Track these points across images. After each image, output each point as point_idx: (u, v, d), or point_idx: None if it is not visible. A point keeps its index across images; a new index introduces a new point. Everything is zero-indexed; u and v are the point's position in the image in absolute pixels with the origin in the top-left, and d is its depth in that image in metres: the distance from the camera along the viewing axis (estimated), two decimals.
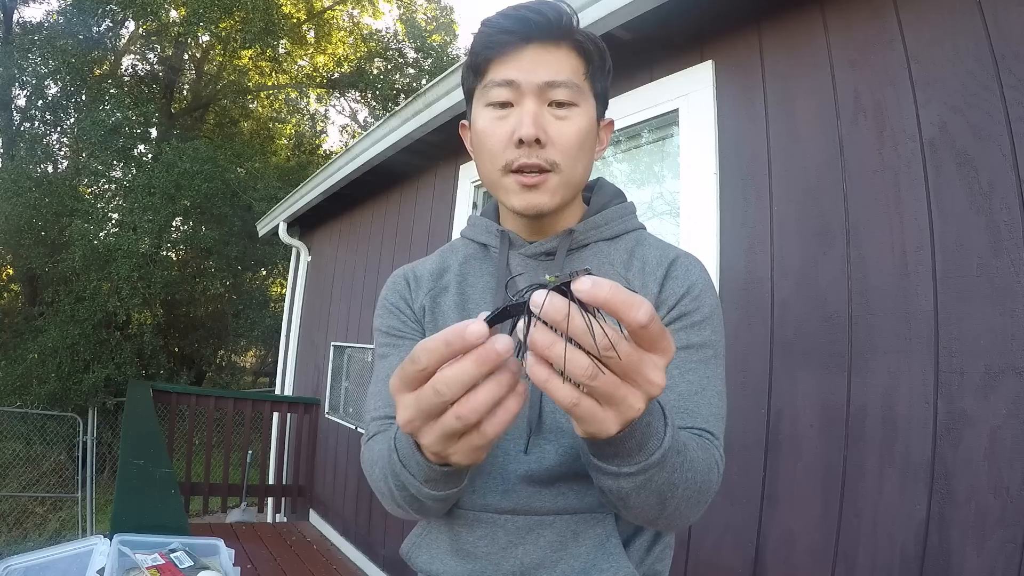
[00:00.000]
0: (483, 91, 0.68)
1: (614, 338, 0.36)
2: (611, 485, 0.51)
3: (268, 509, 4.68)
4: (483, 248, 0.78)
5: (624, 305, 0.35)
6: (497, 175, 0.68)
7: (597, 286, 0.34)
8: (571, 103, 0.66)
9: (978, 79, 1.29)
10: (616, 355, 0.36)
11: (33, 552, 1.08)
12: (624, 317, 0.35)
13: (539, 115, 0.65)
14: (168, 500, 1.55)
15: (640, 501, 0.52)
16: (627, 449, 0.47)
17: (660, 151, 2.13)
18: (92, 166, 8.91)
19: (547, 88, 0.65)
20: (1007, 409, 1.17)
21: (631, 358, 0.37)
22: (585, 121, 0.67)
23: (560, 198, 0.68)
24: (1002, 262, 1.21)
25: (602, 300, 0.34)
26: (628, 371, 0.38)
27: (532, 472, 0.65)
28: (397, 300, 0.78)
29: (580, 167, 0.68)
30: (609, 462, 0.49)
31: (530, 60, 0.65)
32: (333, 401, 4.33)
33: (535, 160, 0.65)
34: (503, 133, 0.66)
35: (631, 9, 1.81)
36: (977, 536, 1.18)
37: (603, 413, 0.39)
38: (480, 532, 0.66)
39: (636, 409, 0.40)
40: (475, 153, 0.73)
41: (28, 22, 9.90)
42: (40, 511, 6.93)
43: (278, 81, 12.25)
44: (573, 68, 0.67)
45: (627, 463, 0.48)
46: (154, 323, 9.28)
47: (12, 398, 7.71)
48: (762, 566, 1.52)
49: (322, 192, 4.19)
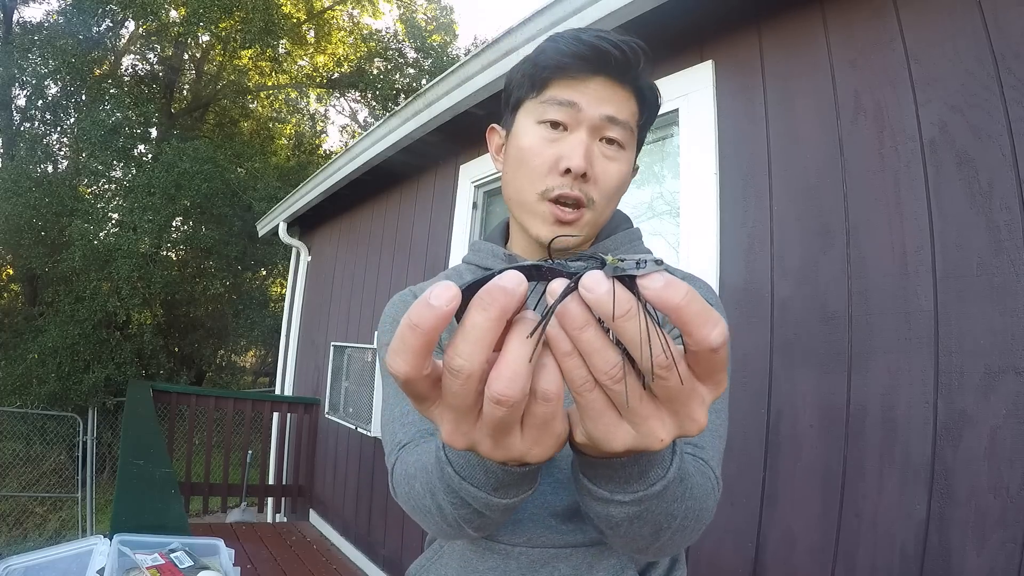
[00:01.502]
0: (538, 105, 0.65)
1: (677, 354, 0.30)
2: (599, 511, 0.44)
3: (268, 509, 4.68)
4: None
5: (699, 319, 0.28)
6: (532, 198, 0.65)
7: (671, 287, 0.28)
8: (621, 144, 0.65)
9: (978, 79, 1.29)
10: (672, 375, 0.30)
11: (33, 552, 1.08)
12: (695, 333, 0.29)
13: (591, 148, 0.63)
14: (168, 500, 1.55)
15: (631, 531, 0.46)
16: (625, 476, 0.40)
17: (660, 151, 2.13)
18: (92, 166, 8.91)
19: (607, 124, 0.63)
20: (1007, 409, 1.17)
21: (686, 385, 0.31)
22: (627, 166, 0.67)
23: (585, 236, 0.66)
24: (1002, 262, 1.21)
25: (673, 306, 0.28)
26: (673, 398, 0.31)
27: (550, 506, 0.63)
28: None
29: (611, 210, 0.68)
30: (600, 485, 0.42)
31: (595, 91, 0.63)
32: (333, 401, 4.33)
33: (576, 192, 0.63)
34: (550, 156, 0.64)
35: (631, 9, 1.81)
36: (977, 536, 1.18)
37: (616, 422, 0.32)
38: (492, 562, 0.64)
39: (659, 441, 0.32)
40: (510, 167, 0.69)
41: (28, 22, 9.89)
42: (40, 511, 6.93)
43: (278, 81, 12.25)
44: (631, 112, 0.66)
45: (622, 490, 0.41)
46: (154, 323, 9.28)
47: (12, 398, 7.71)
48: (762, 566, 1.52)
49: (322, 192, 4.19)
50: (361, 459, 3.72)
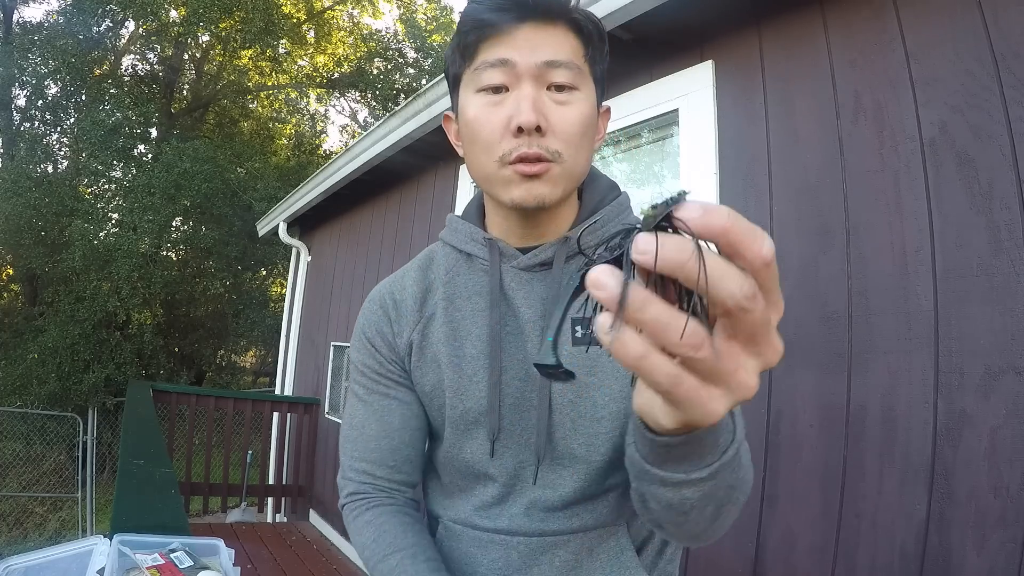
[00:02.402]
0: (473, 75, 0.61)
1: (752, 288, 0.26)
2: (672, 497, 0.43)
3: (268, 509, 4.68)
4: (468, 258, 0.70)
5: (749, 236, 0.26)
6: (493, 167, 0.60)
7: (712, 211, 0.25)
8: (572, 86, 0.60)
9: (978, 79, 1.29)
10: (757, 303, 0.27)
11: (33, 552, 1.08)
12: (747, 252, 0.26)
13: (538, 99, 0.58)
14: (168, 500, 1.55)
15: (699, 513, 0.45)
16: (702, 448, 0.39)
17: (660, 151, 2.13)
18: (92, 166, 8.91)
19: (547, 69, 0.59)
20: (1007, 409, 1.17)
21: (766, 311, 0.27)
22: (587, 106, 0.61)
23: (562, 190, 0.61)
24: (1002, 262, 1.21)
25: (719, 230, 0.25)
26: (756, 330, 0.28)
27: (546, 500, 0.64)
28: (373, 335, 0.72)
29: (582, 157, 0.62)
30: (675, 468, 0.41)
31: (526, 39, 0.58)
32: (333, 401, 4.33)
33: (535, 149, 0.58)
34: (498, 121, 0.59)
35: (631, 9, 1.81)
36: (977, 536, 1.18)
37: (708, 392, 0.29)
38: (494, 554, 0.65)
39: (750, 387, 0.29)
40: (466, 145, 0.65)
41: (28, 22, 9.91)
42: (40, 511, 6.93)
43: (278, 81, 12.25)
44: (573, 48, 0.60)
45: (698, 466, 0.40)
46: (154, 323, 9.29)
47: (12, 398, 7.71)
48: (762, 566, 1.52)
49: (322, 192, 4.19)
50: None
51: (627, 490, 0.65)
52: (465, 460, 0.67)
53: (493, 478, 0.66)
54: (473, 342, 0.66)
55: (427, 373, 0.69)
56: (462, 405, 0.66)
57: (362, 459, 0.70)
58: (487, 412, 0.64)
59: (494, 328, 0.64)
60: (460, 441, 0.67)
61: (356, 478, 0.71)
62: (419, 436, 0.72)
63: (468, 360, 0.66)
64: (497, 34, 0.59)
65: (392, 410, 0.70)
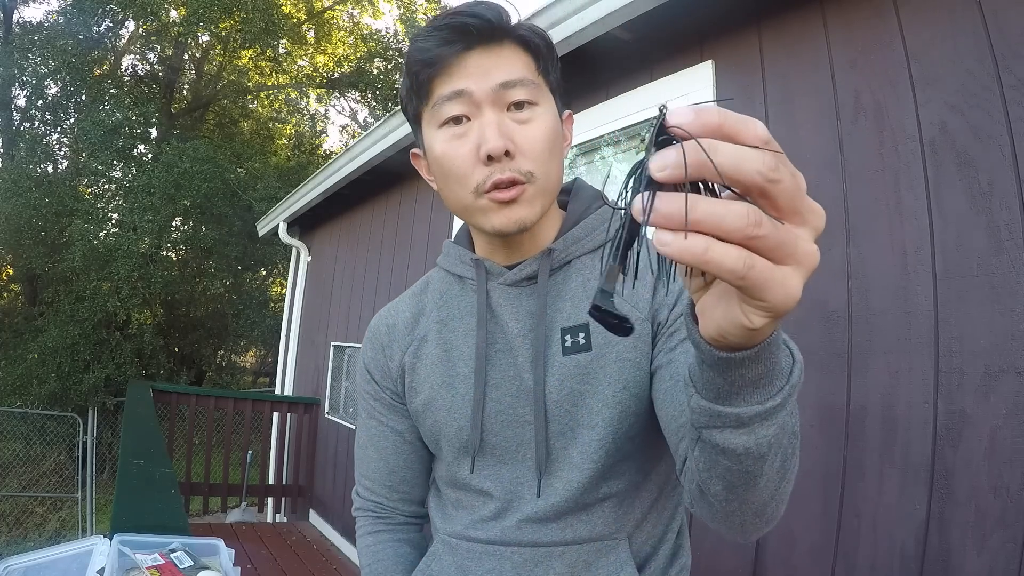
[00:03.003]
0: (432, 111, 0.62)
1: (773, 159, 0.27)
2: (747, 442, 0.40)
3: (268, 509, 4.68)
4: (459, 280, 0.71)
5: (742, 123, 0.28)
6: (470, 199, 0.61)
7: (702, 112, 0.27)
8: (531, 102, 0.61)
9: (978, 79, 1.29)
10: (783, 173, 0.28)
11: (33, 552, 1.08)
12: (745, 137, 0.27)
13: (502, 123, 0.59)
14: (168, 500, 1.55)
15: (770, 469, 0.43)
16: (774, 363, 0.38)
17: None
18: (92, 166, 8.91)
19: (503, 91, 0.59)
20: (1007, 409, 1.17)
21: (794, 178, 0.28)
22: (550, 119, 0.62)
23: (540, 207, 0.62)
24: (1002, 262, 1.21)
25: (715, 124, 0.27)
26: (792, 196, 0.28)
27: (537, 512, 0.64)
28: (370, 363, 0.76)
29: (554, 171, 0.63)
30: (749, 398, 0.39)
31: (476, 66, 0.59)
32: (333, 401, 4.33)
33: (508, 174, 0.58)
34: (466, 152, 0.60)
35: (631, 9, 1.81)
36: (977, 536, 1.18)
37: (781, 272, 0.29)
38: (488, 564, 0.65)
39: (813, 253, 0.30)
40: (439, 181, 0.65)
41: (28, 22, 9.91)
42: (40, 511, 6.93)
43: (278, 81, 12.25)
44: (524, 64, 0.61)
45: (770, 392, 0.39)
46: (154, 323, 9.29)
47: (12, 398, 7.71)
48: (762, 566, 1.52)
49: (322, 192, 4.19)
50: None
51: (624, 500, 0.65)
52: (463, 478, 0.68)
53: (490, 494, 0.66)
54: (465, 361, 0.67)
55: (420, 393, 0.71)
56: (455, 424, 0.67)
57: (365, 477, 0.79)
58: (470, 428, 0.66)
59: (480, 346, 0.66)
60: (458, 459, 0.68)
61: (363, 494, 0.80)
62: (415, 459, 0.77)
63: (460, 380, 0.67)
64: (447, 67, 0.60)
65: (386, 437, 0.76)
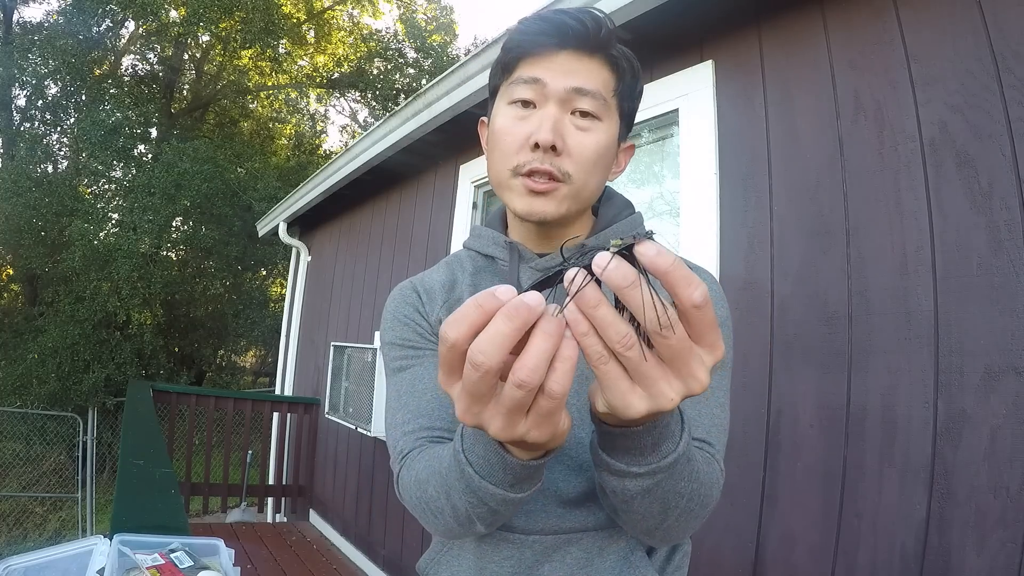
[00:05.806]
0: (508, 88, 0.66)
1: (673, 316, 0.35)
2: (616, 485, 0.49)
3: (268, 509, 4.68)
4: (490, 261, 0.75)
5: (683, 281, 0.34)
6: (506, 175, 0.65)
7: (662, 254, 0.33)
8: (595, 116, 0.64)
9: (978, 79, 1.29)
10: (672, 333, 0.34)
11: (33, 552, 1.08)
12: (681, 293, 0.34)
13: (560, 121, 0.63)
14: (168, 500, 1.55)
15: (643, 507, 0.50)
16: (641, 446, 0.45)
17: (660, 151, 2.13)
18: (92, 166, 8.92)
19: (574, 95, 0.63)
20: (1007, 409, 1.17)
21: (683, 343, 0.35)
22: (606, 137, 0.65)
23: (566, 209, 0.65)
24: (1002, 262, 1.21)
25: (664, 269, 0.33)
26: (675, 357, 0.36)
27: (563, 492, 0.64)
28: (411, 312, 0.74)
29: (593, 182, 0.66)
30: (619, 458, 0.47)
31: (561, 64, 0.63)
32: (333, 401, 4.32)
33: (547, 167, 0.62)
34: (520, 134, 0.64)
35: (631, 9, 1.81)
36: (977, 536, 1.18)
37: (630, 388, 0.37)
38: (507, 552, 0.65)
39: (669, 400, 0.37)
40: (488, 151, 0.70)
41: (28, 22, 9.92)
42: (40, 511, 6.93)
43: (278, 81, 12.25)
44: (604, 81, 0.64)
45: (637, 462, 0.46)
46: (154, 323, 9.28)
47: (12, 398, 7.71)
48: (762, 566, 1.52)
49: (322, 192, 4.19)
50: (361, 459, 3.72)
51: None
52: None
53: None
54: None
55: None
56: None
57: (417, 416, 0.66)
58: None
59: None
60: None
61: (408, 439, 0.66)
62: None
63: None
64: (535, 55, 0.64)
65: (425, 376, 0.69)
